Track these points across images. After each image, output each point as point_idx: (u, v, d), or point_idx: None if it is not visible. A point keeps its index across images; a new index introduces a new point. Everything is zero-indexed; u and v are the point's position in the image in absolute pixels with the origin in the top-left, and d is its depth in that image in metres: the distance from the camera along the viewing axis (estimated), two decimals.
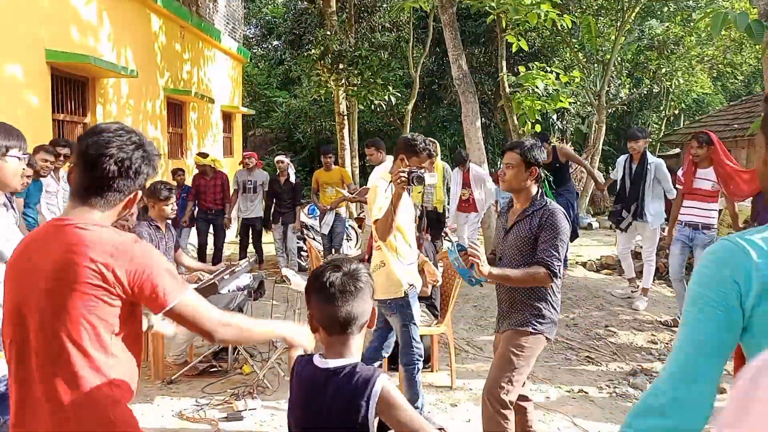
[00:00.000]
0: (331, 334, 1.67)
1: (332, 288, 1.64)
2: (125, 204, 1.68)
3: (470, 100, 8.46)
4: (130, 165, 1.61)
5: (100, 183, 1.60)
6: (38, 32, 6.85)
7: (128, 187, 1.64)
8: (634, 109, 21.67)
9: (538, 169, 2.92)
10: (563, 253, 2.83)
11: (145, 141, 1.68)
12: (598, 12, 13.71)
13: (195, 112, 11.96)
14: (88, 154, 1.60)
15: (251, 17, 24.90)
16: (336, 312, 1.64)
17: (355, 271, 1.69)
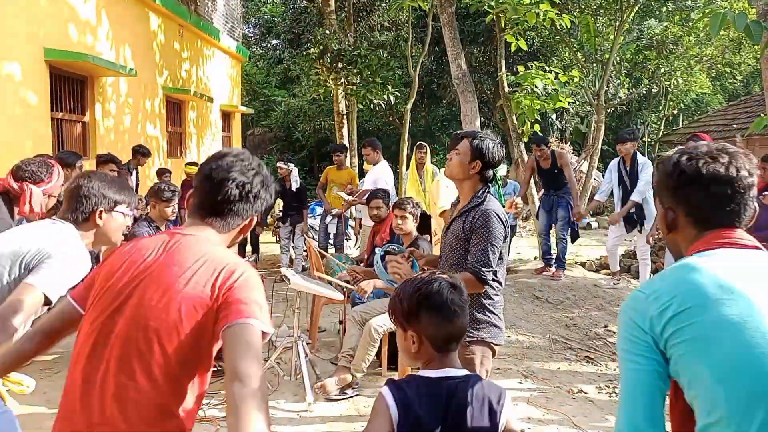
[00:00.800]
0: (441, 350, 1.64)
1: (453, 306, 1.62)
2: (241, 229, 1.68)
3: (469, 100, 8.45)
4: (250, 189, 1.62)
5: (221, 205, 1.60)
6: (37, 31, 6.84)
7: (246, 211, 1.64)
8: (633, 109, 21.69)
9: (482, 164, 2.73)
10: (495, 258, 2.65)
11: (264, 168, 1.70)
12: (596, 11, 13.69)
13: (194, 111, 11.95)
14: (211, 178, 1.61)
15: (250, 16, 24.88)
16: (454, 329, 1.63)
17: (458, 285, 1.68)
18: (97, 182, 2.21)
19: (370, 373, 4.46)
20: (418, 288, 1.64)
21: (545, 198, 7.40)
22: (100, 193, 2.20)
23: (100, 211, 2.20)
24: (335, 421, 3.82)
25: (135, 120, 9.41)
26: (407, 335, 1.65)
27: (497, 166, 2.79)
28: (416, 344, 1.64)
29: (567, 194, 7.19)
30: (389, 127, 20.21)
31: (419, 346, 1.64)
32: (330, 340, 5.44)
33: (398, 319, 1.68)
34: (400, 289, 1.70)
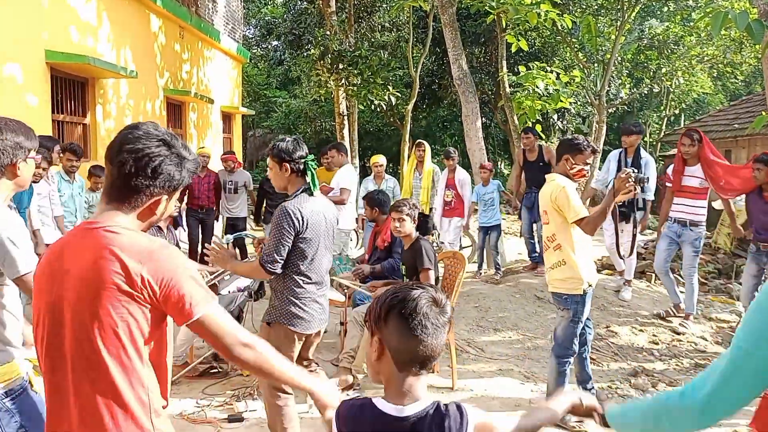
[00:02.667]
0: (402, 370, 1.42)
1: (425, 320, 1.39)
2: (148, 207, 1.58)
3: (470, 100, 8.45)
4: (149, 162, 1.52)
5: (120, 180, 1.53)
6: (38, 33, 6.84)
7: (146, 186, 1.54)
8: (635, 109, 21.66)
9: (288, 164, 2.98)
10: (283, 250, 2.92)
11: (177, 142, 1.61)
12: (598, 11, 13.70)
13: (194, 112, 11.95)
14: (111, 149, 1.55)
15: (251, 17, 24.90)
16: (421, 348, 1.39)
17: (443, 303, 1.45)
18: (10, 133, 2.15)
19: None
20: (396, 290, 1.47)
21: (527, 196, 7.31)
22: (15, 144, 2.14)
23: (17, 162, 2.14)
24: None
25: (135, 121, 9.41)
26: (372, 341, 1.47)
27: (297, 156, 2.99)
28: (377, 353, 1.45)
29: None
30: (390, 127, 20.21)
31: (379, 355, 1.44)
32: (331, 341, 5.43)
33: (369, 320, 1.50)
34: (385, 290, 1.56)
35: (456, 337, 5.04)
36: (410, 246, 4.41)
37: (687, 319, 5.75)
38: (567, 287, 3.60)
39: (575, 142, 3.65)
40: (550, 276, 3.72)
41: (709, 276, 7.57)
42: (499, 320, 5.91)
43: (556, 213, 3.56)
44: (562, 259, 3.58)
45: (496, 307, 6.23)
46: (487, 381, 4.53)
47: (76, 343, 1.47)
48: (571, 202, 3.49)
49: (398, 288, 1.48)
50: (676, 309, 5.90)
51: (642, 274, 7.61)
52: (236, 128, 15.14)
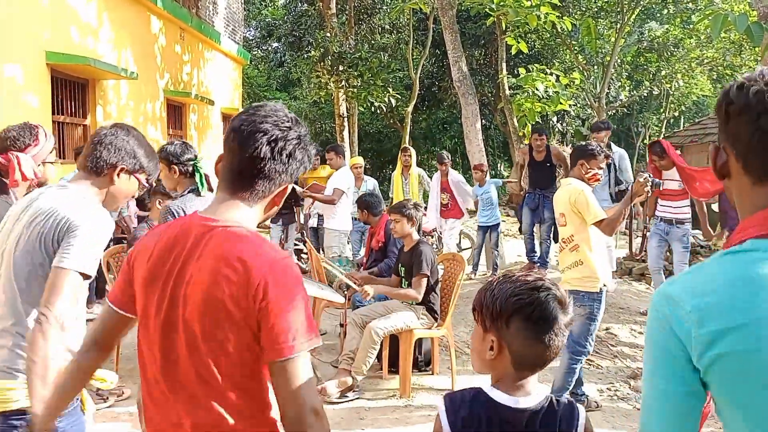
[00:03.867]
0: (522, 371, 1.38)
1: (556, 326, 1.36)
2: (274, 198, 1.42)
3: (470, 102, 8.46)
4: (284, 147, 1.36)
5: (249, 165, 1.34)
6: (38, 34, 6.85)
7: (279, 173, 1.37)
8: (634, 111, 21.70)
9: (177, 166, 3.10)
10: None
11: (302, 125, 1.42)
12: (597, 14, 13.72)
13: (195, 113, 11.96)
14: (240, 130, 1.35)
15: (251, 19, 24.92)
16: (547, 352, 1.37)
17: (567, 303, 1.40)
18: (133, 138, 2.00)
19: (370, 376, 4.45)
20: (520, 292, 1.37)
21: (530, 196, 7.30)
22: (132, 150, 1.99)
23: (121, 169, 1.98)
24: (336, 424, 3.81)
25: (136, 123, 9.43)
26: (486, 337, 1.39)
27: (185, 159, 3.09)
28: (494, 351, 1.38)
29: (552, 194, 7.17)
30: (390, 129, 20.22)
31: (497, 355, 1.38)
32: (331, 343, 5.43)
33: (482, 315, 1.41)
34: (496, 283, 1.43)
35: (455, 339, 5.04)
36: (411, 248, 4.41)
37: None
38: (584, 285, 3.73)
39: (590, 149, 3.82)
40: (565, 276, 3.85)
41: None
42: None
43: (575, 215, 3.72)
44: (579, 260, 3.73)
45: None
46: (486, 382, 4.52)
47: (190, 360, 1.32)
48: (591, 205, 3.66)
49: (521, 287, 1.39)
50: None
51: (642, 276, 7.61)
52: None
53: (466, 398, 1.40)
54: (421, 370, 4.66)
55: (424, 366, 4.70)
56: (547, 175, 7.16)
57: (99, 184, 1.98)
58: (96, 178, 1.98)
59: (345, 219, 6.69)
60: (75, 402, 1.87)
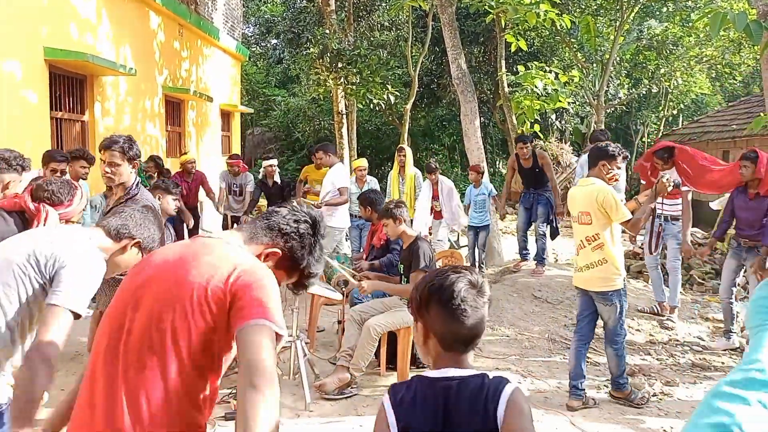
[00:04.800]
0: (449, 350, 1.52)
1: (464, 303, 1.47)
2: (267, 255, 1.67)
3: (469, 100, 8.45)
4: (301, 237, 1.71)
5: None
6: (36, 30, 6.83)
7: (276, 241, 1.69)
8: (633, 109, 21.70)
9: (128, 161, 3.35)
10: None
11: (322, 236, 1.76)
12: (597, 12, 13.71)
13: (193, 110, 11.95)
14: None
15: (250, 15, 24.88)
16: (462, 329, 1.48)
17: (478, 283, 1.53)
18: (153, 217, 2.20)
19: (368, 373, 4.46)
20: (432, 278, 1.54)
21: (525, 196, 7.38)
22: (152, 229, 2.17)
23: (137, 242, 2.14)
24: (334, 421, 3.82)
25: (134, 119, 9.41)
26: (417, 327, 1.56)
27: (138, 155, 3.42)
28: (422, 338, 1.54)
29: (547, 192, 7.25)
30: (389, 126, 20.20)
31: (425, 339, 1.54)
32: (328, 339, 5.44)
33: (412, 308, 1.59)
34: (423, 277, 1.61)
35: None
36: (409, 245, 4.42)
37: (672, 312, 5.91)
38: (609, 285, 3.91)
39: (610, 150, 3.97)
40: (586, 275, 3.99)
41: (706, 276, 7.58)
42: (497, 319, 5.93)
43: (601, 214, 3.86)
44: (603, 258, 3.90)
45: (494, 306, 6.24)
46: None
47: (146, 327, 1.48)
48: (620, 204, 3.83)
49: (435, 274, 1.54)
50: (660, 307, 6.01)
51: (639, 273, 7.63)
52: (235, 126, 15.13)
53: (406, 383, 1.54)
54: (418, 366, 4.66)
55: (421, 363, 4.71)
56: (539, 179, 7.23)
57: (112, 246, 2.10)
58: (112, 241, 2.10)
59: (344, 216, 6.72)
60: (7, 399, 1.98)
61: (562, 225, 8.40)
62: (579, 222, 4.03)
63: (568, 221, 14.76)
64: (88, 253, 1.98)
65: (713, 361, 5.03)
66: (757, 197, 4.96)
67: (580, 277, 4.06)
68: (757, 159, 4.91)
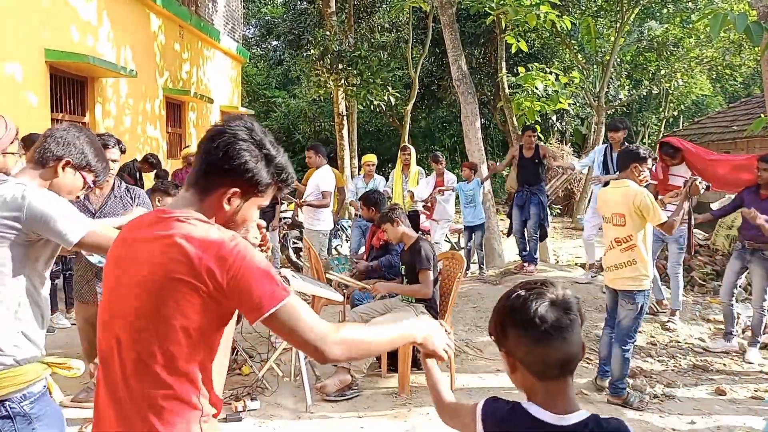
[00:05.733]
0: (544, 379, 1.32)
1: (543, 324, 1.28)
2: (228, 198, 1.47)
3: (470, 101, 8.45)
4: (229, 145, 1.45)
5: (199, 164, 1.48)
6: (37, 32, 6.84)
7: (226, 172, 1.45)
8: (634, 111, 21.70)
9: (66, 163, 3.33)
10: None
11: (264, 136, 1.51)
12: (597, 13, 13.71)
13: (194, 111, 11.95)
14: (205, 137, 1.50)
15: (250, 17, 24.89)
16: (552, 353, 1.29)
17: (561, 296, 1.33)
18: (84, 137, 2.05)
19: (369, 374, 4.46)
20: (505, 299, 1.36)
21: (518, 195, 7.44)
22: (80, 146, 2.03)
23: (67, 162, 2.01)
24: (335, 422, 3.81)
25: (135, 121, 9.42)
26: (504, 356, 1.37)
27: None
28: (509, 367, 1.35)
29: (539, 192, 7.31)
30: (389, 128, 20.21)
31: (512, 369, 1.35)
32: None
33: (492, 334, 1.40)
34: (500, 299, 1.41)
35: (454, 337, 5.05)
36: (410, 246, 4.42)
37: (674, 315, 5.89)
38: (637, 284, 3.99)
39: (642, 153, 4.04)
40: (614, 275, 4.07)
41: (707, 278, 7.57)
42: None
43: (637, 216, 3.94)
44: (633, 259, 3.98)
45: None
46: (485, 382, 4.53)
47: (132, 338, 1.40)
48: (656, 207, 3.92)
49: (507, 295, 1.37)
50: (658, 305, 6.01)
51: None
52: None
53: (503, 411, 1.36)
54: (419, 368, 4.66)
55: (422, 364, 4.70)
56: (535, 172, 7.32)
57: (43, 175, 2.01)
58: (41, 170, 2.00)
59: (328, 219, 6.79)
60: (42, 388, 1.90)
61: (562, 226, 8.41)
62: (613, 223, 4.10)
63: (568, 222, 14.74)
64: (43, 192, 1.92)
65: (714, 362, 5.02)
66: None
67: (608, 276, 4.19)
68: None
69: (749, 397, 4.33)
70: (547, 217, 7.50)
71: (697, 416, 3.99)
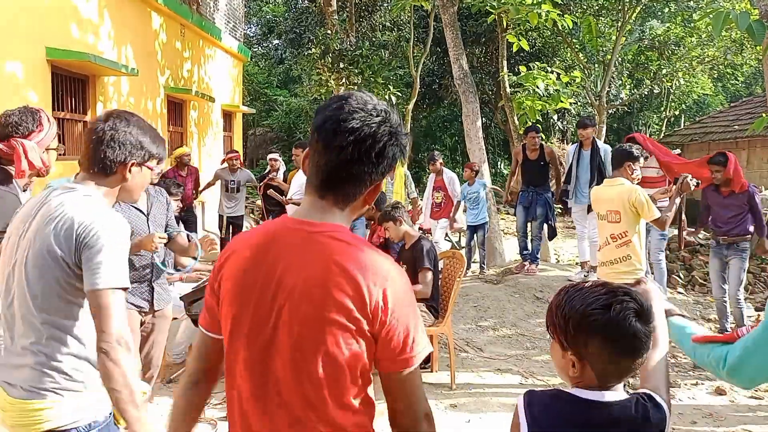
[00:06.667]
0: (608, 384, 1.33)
1: (636, 338, 1.27)
2: (364, 199, 1.30)
3: (471, 100, 8.45)
4: (373, 145, 1.22)
5: (336, 170, 1.23)
6: (39, 30, 6.84)
7: (369, 174, 1.25)
8: (635, 110, 21.68)
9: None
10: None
11: (393, 114, 1.27)
12: (598, 12, 13.69)
13: (195, 110, 11.96)
14: (323, 129, 1.24)
15: (252, 16, 24.90)
16: (631, 364, 1.31)
17: (645, 308, 1.29)
18: (134, 127, 1.83)
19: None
20: (592, 309, 1.28)
21: (523, 194, 7.38)
22: (137, 140, 1.83)
23: (132, 164, 1.83)
24: None
25: None
26: (566, 355, 1.33)
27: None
28: (576, 369, 1.32)
29: (545, 191, 7.27)
30: None
31: (581, 372, 1.32)
32: None
33: (557, 335, 1.35)
34: (565, 299, 1.34)
35: (455, 336, 5.05)
36: (411, 246, 4.42)
37: None
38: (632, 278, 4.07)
39: (634, 152, 4.20)
40: (611, 269, 4.18)
41: (708, 277, 7.56)
42: (498, 320, 5.92)
43: (632, 212, 4.08)
44: (628, 254, 4.13)
45: (495, 307, 6.24)
46: (485, 380, 4.53)
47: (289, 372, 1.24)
48: (650, 203, 4.06)
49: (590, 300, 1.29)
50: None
51: None
52: (237, 127, 15.14)
53: (546, 397, 1.35)
54: (421, 367, 4.66)
55: (423, 363, 4.70)
56: (541, 174, 7.27)
57: (109, 183, 1.83)
58: (105, 178, 1.82)
59: None
60: (109, 417, 1.80)
61: (563, 225, 8.42)
62: (608, 220, 4.22)
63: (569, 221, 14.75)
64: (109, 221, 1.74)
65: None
66: (732, 194, 5.09)
67: (603, 271, 4.28)
68: (726, 163, 5.04)
69: (749, 397, 4.34)
70: (554, 217, 7.46)
71: (698, 416, 3.99)
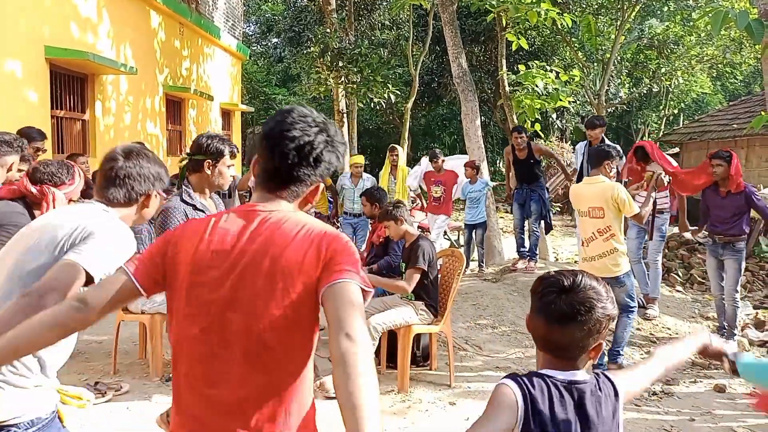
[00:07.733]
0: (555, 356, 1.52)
1: (554, 308, 1.48)
2: (306, 197, 1.52)
3: (470, 99, 8.45)
4: (311, 151, 1.45)
5: (281, 172, 1.46)
6: (37, 29, 6.84)
7: (309, 176, 1.48)
8: (634, 109, 21.70)
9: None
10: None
11: (331, 125, 1.52)
12: (598, 11, 13.69)
13: (194, 109, 11.95)
14: (270, 138, 1.46)
15: (251, 14, 24.87)
16: (557, 336, 1.49)
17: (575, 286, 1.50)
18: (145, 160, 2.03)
19: None
20: (537, 284, 1.57)
21: (518, 192, 7.43)
22: (153, 172, 2.03)
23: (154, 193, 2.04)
24: (333, 420, 3.81)
25: (135, 118, 9.42)
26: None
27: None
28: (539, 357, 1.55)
29: (539, 188, 7.32)
30: (390, 125, 20.21)
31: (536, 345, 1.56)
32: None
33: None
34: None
35: (454, 334, 5.05)
36: (411, 244, 4.42)
37: (653, 303, 6.02)
38: (619, 269, 4.42)
39: (612, 152, 4.51)
40: (597, 263, 4.39)
41: (706, 275, 7.58)
42: (497, 318, 5.93)
43: (614, 208, 4.31)
44: (614, 247, 4.37)
45: (494, 305, 6.24)
46: (484, 378, 4.54)
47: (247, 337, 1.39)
48: (630, 199, 4.31)
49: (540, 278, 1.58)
50: (644, 299, 6.08)
51: None
52: (235, 125, 15.13)
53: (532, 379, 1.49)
54: (419, 365, 4.67)
55: (422, 361, 4.71)
56: (531, 171, 7.31)
57: (130, 210, 2.02)
58: (125, 207, 2.00)
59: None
60: (52, 414, 1.82)
61: (561, 223, 8.43)
62: (590, 216, 4.43)
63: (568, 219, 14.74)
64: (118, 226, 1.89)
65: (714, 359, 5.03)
66: (729, 194, 5.10)
67: (592, 266, 4.39)
68: (731, 159, 5.05)
69: (747, 394, 4.34)
70: (549, 212, 7.49)
71: (696, 413, 4.00)
